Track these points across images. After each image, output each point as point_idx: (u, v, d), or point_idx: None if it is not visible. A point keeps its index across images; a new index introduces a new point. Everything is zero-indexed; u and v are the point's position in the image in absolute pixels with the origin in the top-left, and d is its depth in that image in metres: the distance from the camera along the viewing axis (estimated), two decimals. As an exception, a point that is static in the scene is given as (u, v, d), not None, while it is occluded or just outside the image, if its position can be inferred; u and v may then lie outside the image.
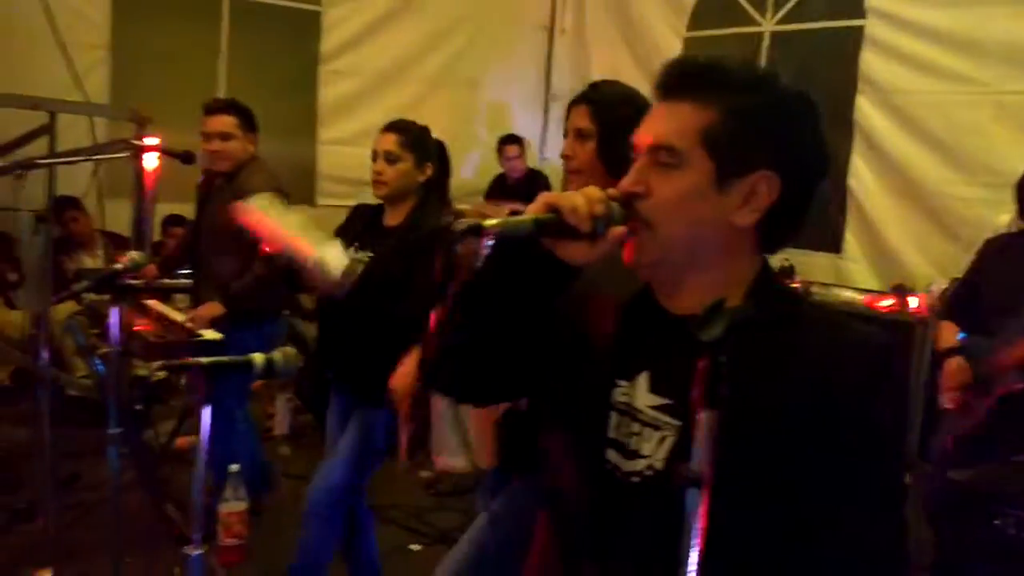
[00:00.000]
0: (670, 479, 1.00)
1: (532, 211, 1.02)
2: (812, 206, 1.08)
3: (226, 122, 3.36)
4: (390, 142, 2.64)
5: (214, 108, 3.40)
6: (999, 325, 2.71)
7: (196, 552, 1.63)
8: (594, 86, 1.95)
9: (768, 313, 1.01)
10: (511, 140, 6.01)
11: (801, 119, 1.06)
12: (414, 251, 2.50)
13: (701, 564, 0.79)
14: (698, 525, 0.78)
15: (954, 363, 2.80)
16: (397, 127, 2.69)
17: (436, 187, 2.73)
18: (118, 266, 2.13)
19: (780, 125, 1.04)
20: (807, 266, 5.19)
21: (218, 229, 3.32)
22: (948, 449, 2.83)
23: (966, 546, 2.23)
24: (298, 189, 5.50)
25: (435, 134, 2.84)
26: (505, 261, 1.07)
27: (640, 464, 1.08)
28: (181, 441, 4.24)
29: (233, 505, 3.32)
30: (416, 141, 2.67)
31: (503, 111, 6.26)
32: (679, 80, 1.06)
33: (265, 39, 5.97)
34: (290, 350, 1.68)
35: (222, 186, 3.42)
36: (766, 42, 5.56)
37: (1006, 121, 4.35)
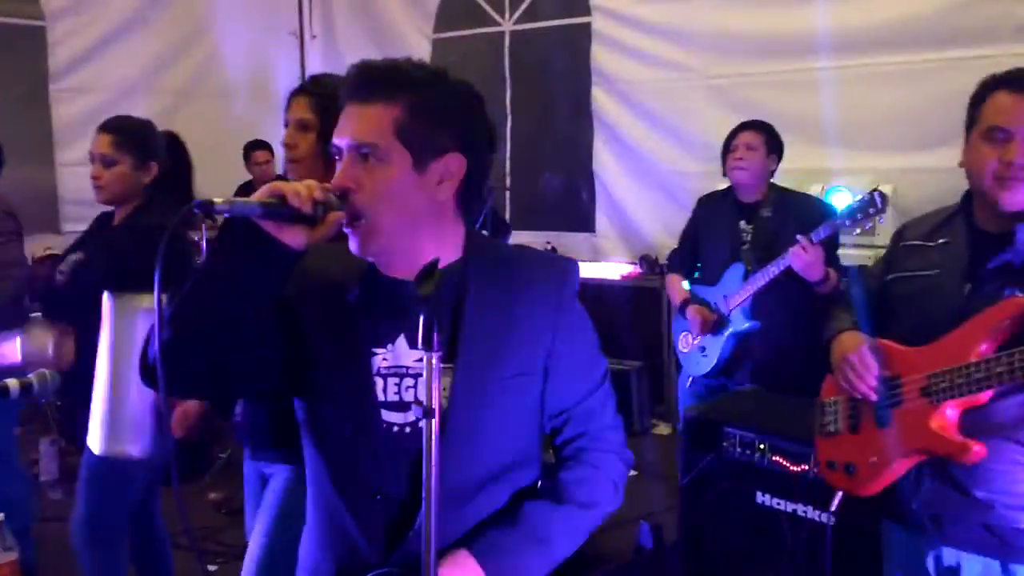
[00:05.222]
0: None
1: (258, 197, 1.12)
2: (488, 174, 1.29)
3: None
4: (104, 144, 2.46)
5: None
6: (713, 273, 3.18)
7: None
8: (314, 79, 2.03)
9: (478, 264, 1.20)
10: (259, 146, 5.83)
11: (471, 106, 1.25)
12: (130, 245, 2.37)
13: (439, 481, 0.94)
14: (434, 449, 0.93)
15: (695, 309, 3.23)
16: (110, 127, 2.49)
17: (172, 184, 2.57)
18: None
19: (457, 112, 1.23)
20: (567, 247, 5.61)
21: None
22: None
23: (704, 470, 2.60)
24: (39, 217, 5.11)
25: (191, 146, 2.75)
26: (231, 246, 1.15)
27: (413, 413, 1.21)
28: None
29: (2, 556, 3.09)
30: (134, 140, 2.48)
31: (259, 120, 6.13)
32: (366, 84, 1.20)
33: (-18, 57, 5.48)
34: (45, 372, 1.62)
35: None
36: (508, 41, 5.89)
37: (715, 101, 4.94)
